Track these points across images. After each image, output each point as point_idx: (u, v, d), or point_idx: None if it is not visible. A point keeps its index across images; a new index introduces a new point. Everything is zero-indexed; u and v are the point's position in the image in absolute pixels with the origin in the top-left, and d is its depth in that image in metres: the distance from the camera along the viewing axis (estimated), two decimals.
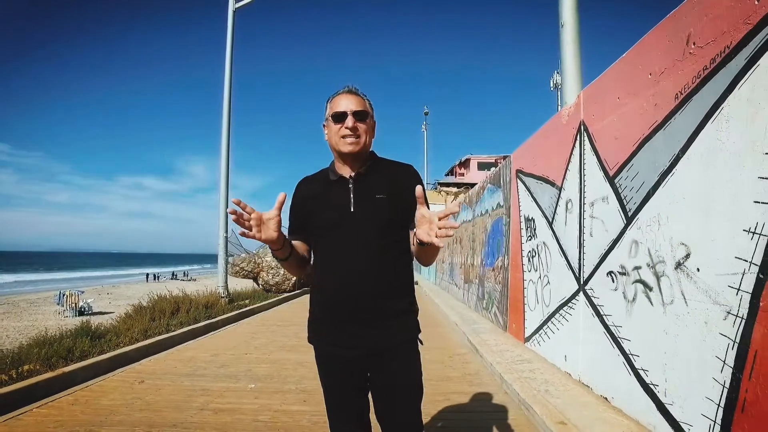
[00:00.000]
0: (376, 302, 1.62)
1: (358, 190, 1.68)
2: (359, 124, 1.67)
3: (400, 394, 1.69)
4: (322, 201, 1.71)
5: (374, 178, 1.71)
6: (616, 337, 3.41)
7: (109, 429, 3.32)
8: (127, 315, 8.27)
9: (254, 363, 5.43)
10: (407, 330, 1.70)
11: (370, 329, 1.62)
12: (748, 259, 2.14)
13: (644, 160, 3.12)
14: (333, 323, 1.66)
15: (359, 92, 1.75)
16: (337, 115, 1.67)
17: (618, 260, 3.43)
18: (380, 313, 1.63)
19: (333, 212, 1.67)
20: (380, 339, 1.63)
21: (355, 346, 1.64)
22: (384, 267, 1.63)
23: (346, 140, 1.66)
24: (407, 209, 1.63)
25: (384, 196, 1.66)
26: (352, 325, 1.63)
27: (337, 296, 1.63)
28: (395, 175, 1.74)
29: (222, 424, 3.42)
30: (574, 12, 5.81)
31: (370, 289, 1.61)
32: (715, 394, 2.32)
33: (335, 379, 1.72)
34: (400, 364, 1.67)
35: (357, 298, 1.60)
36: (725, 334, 2.27)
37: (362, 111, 1.69)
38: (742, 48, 2.24)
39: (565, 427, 3.04)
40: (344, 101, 1.69)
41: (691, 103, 2.63)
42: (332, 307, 1.66)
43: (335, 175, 1.73)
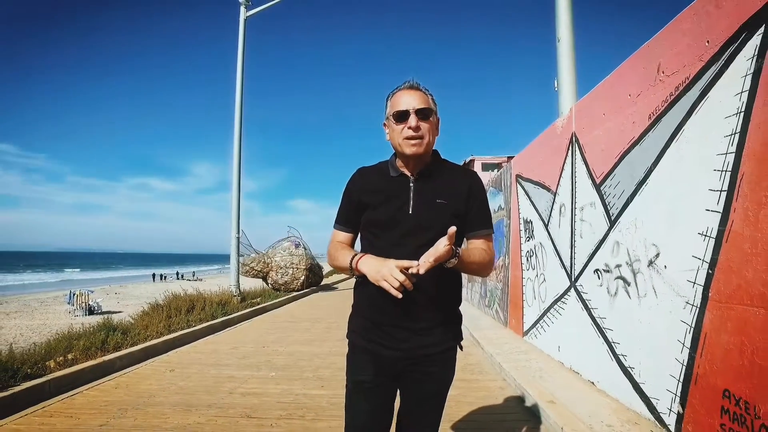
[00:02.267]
0: (425, 310, 1.58)
1: (419, 191, 1.61)
2: (422, 123, 1.58)
3: (430, 398, 1.65)
4: (380, 197, 1.62)
5: (437, 180, 1.63)
6: (600, 328, 3.84)
7: (153, 408, 3.77)
8: (144, 312, 8.72)
9: (272, 355, 5.88)
10: (451, 338, 1.66)
11: (414, 335, 1.59)
12: (701, 258, 2.56)
13: (624, 171, 3.54)
14: (378, 324, 1.62)
15: (421, 87, 1.64)
16: (399, 114, 1.58)
17: (603, 259, 3.86)
18: (428, 321, 1.59)
19: (390, 210, 1.59)
20: (423, 345, 1.60)
21: (396, 348, 1.60)
22: (436, 275, 1.50)
23: (410, 142, 1.57)
24: (466, 218, 1.61)
25: (445, 202, 1.58)
26: (398, 329, 1.59)
27: (382, 298, 1.53)
28: (459, 180, 1.66)
29: (251, 405, 3.87)
30: (570, 28, 6.24)
31: (420, 296, 1.54)
32: (676, 371, 2.74)
33: (368, 376, 1.65)
34: (438, 370, 1.64)
35: (406, 305, 1.52)
36: (684, 321, 2.69)
37: (425, 109, 1.59)
38: (698, 81, 2.66)
39: (554, 405, 3.47)
40: (406, 98, 1.59)
41: (660, 124, 3.06)
42: (380, 309, 1.60)
43: (396, 171, 1.66)
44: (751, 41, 2.24)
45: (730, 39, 2.40)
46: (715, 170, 2.49)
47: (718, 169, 2.46)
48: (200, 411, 3.71)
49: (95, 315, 11.96)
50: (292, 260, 16.38)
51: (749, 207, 2.22)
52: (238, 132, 12.25)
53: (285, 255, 16.49)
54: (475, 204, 1.65)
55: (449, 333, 1.66)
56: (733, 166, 2.34)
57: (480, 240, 1.66)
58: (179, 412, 3.66)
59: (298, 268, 16.26)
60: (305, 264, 16.47)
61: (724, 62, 2.45)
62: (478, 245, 1.65)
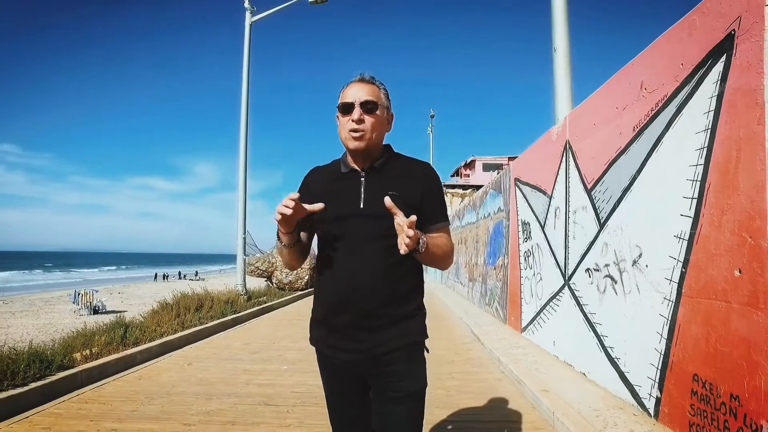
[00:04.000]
0: (379, 305, 1.50)
1: (370, 185, 1.55)
2: (367, 117, 1.52)
3: (399, 401, 1.53)
4: (330, 194, 1.56)
5: (388, 174, 1.58)
6: (591, 323, 4.14)
7: (176, 396, 4.08)
8: (154, 311, 9.03)
9: (283, 350, 6.20)
10: (410, 334, 1.56)
11: (371, 333, 1.51)
12: (677, 257, 2.87)
13: (612, 178, 3.85)
14: (333, 326, 1.56)
15: (375, 81, 1.59)
16: (344, 107, 1.54)
17: (593, 259, 4.16)
18: (383, 317, 1.51)
19: (340, 207, 1.53)
20: (380, 343, 1.51)
21: (354, 350, 1.52)
22: (391, 268, 1.49)
23: (352, 135, 1.52)
24: (422, 211, 1.53)
25: (397, 194, 1.49)
26: (353, 328, 1.52)
27: (338, 297, 1.52)
28: (411, 173, 1.61)
29: (267, 394, 4.18)
30: (566, 39, 6.53)
31: (374, 291, 1.49)
32: (655, 360, 3.05)
33: (336, 384, 1.62)
34: (399, 370, 1.53)
35: (359, 301, 1.49)
36: (662, 314, 3.00)
37: (370, 101, 1.52)
38: (674, 98, 2.97)
39: (548, 393, 3.77)
40: (353, 90, 1.54)
41: (643, 136, 3.36)
42: (333, 309, 1.55)
43: (346, 167, 1.61)
44: (716, 67, 2.55)
45: (700, 63, 2.70)
46: (687, 179, 2.79)
47: (690, 179, 2.76)
48: (221, 399, 4.02)
49: (100, 314, 12.21)
50: None
51: (714, 213, 2.52)
52: (244, 134, 12.53)
53: None
54: (431, 196, 1.59)
55: (411, 328, 1.56)
56: (702, 176, 2.64)
57: (439, 232, 1.59)
58: (201, 400, 3.98)
59: (302, 267, 16.56)
60: (309, 263, 16.75)
61: (695, 83, 2.75)
62: (439, 235, 1.57)
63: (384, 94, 1.59)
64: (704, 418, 2.52)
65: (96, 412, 3.62)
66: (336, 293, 1.52)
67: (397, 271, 1.52)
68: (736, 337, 2.31)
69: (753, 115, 2.24)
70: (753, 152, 2.24)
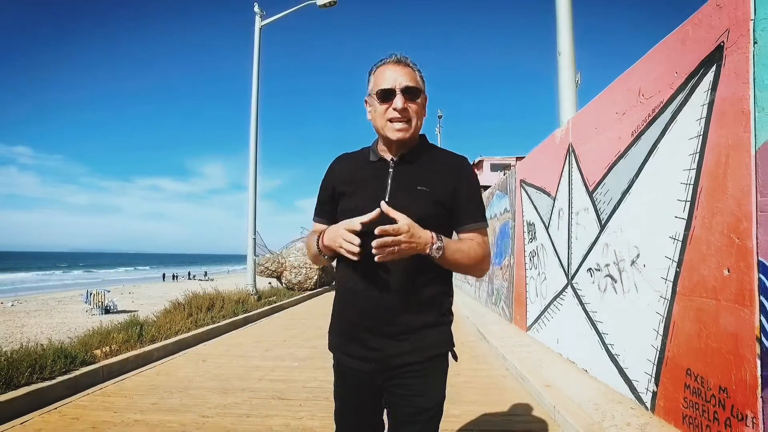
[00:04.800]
0: (399, 311, 1.40)
1: (398, 176, 1.44)
2: (410, 105, 1.41)
3: (413, 417, 1.43)
4: (355, 184, 1.47)
5: (419, 165, 1.46)
6: (592, 320, 4.27)
7: (194, 391, 4.27)
8: (167, 310, 9.26)
9: (294, 348, 6.38)
10: (435, 344, 1.45)
11: (391, 341, 1.41)
12: (672, 257, 3.00)
13: (612, 181, 3.97)
14: (351, 332, 1.46)
15: (410, 61, 1.46)
16: (384, 93, 1.40)
17: (595, 259, 4.29)
18: (406, 324, 1.40)
19: (365, 199, 1.40)
20: (401, 353, 1.41)
21: (372, 359, 1.42)
22: (416, 270, 1.38)
23: (394, 125, 1.41)
24: (454, 209, 1.44)
25: (426, 189, 1.40)
26: (372, 335, 1.41)
27: (357, 300, 1.43)
28: (444, 166, 1.48)
29: (280, 389, 4.35)
30: (570, 42, 6.66)
31: (396, 296, 1.39)
32: (651, 355, 3.18)
33: (350, 393, 1.52)
34: (420, 383, 1.42)
35: (380, 306, 1.40)
36: (659, 312, 3.13)
37: (414, 88, 1.41)
38: (669, 105, 3.10)
39: (549, 389, 3.91)
40: (391, 73, 1.41)
41: (641, 140, 3.49)
42: (351, 314, 1.46)
43: (375, 155, 1.50)
44: (707, 76, 2.68)
45: (693, 72, 2.83)
46: (681, 183, 2.92)
47: (684, 183, 2.89)
48: (236, 394, 4.20)
49: (111, 314, 12.42)
50: (305, 260, 16.88)
51: (705, 215, 2.65)
52: (254, 136, 12.73)
53: (298, 255, 17.01)
54: (464, 193, 1.45)
55: (432, 339, 1.44)
56: (695, 180, 2.77)
57: (472, 233, 1.46)
58: (218, 394, 4.16)
59: (311, 267, 16.77)
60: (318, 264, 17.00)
61: (688, 91, 2.88)
62: (470, 238, 1.45)
63: (421, 78, 1.47)
64: (696, 410, 2.65)
65: (119, 405, 3.82)
66: (354, 295, 1.44)
67: (423, 272, 1.40)
68: (725, 332, 2.44)
69: (740, 123, 2.37)
70: (740, 158, 2.37)
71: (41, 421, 3.43)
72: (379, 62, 1.46)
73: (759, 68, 2.25)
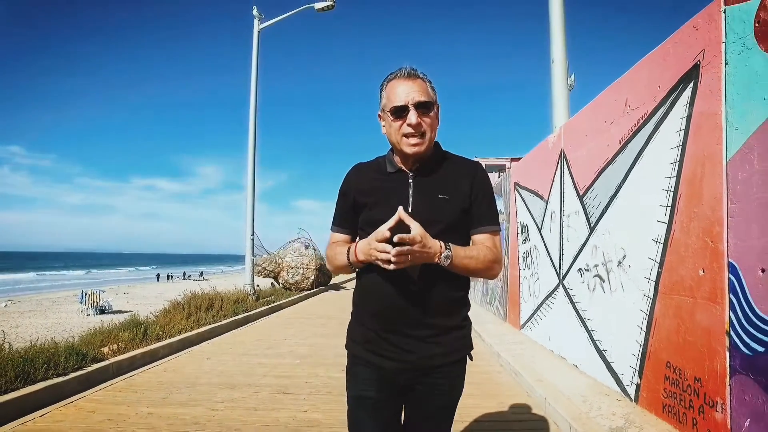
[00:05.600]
0: (430, 315, 1.46)
1: (419, 187, 1.48)
2: (424, 119, 1.44)
3: (437, 413, 1.54)
4: (376, 195, 1.50)
5: (437, 174, 1.51)
6: (582, 318, 4.49)
7: (201, 386, 4.45)
8: (166, 310, 9.39)
9: (294, 346, 6.56)
10: (462, 347, 1.53)
11: (421, 343, 1.46)
12: (654, 259, 3.22)
13: (601, 186, 4.19)
14: (380, 333, 1.49)
15: (420, 74, 1.49)
16: (397, 110, 1.44)
17: (584, 260, 4.51)
18: (434, 327, 1.46)
19: (388, 209, 1.42)
20: (432, 355, 1.47)
21: (402, 360, 1.47)
22: (441, 276, 1.43)
23: (410, 140, 1.45)
24: (471, 213, 1.50)
25: (447, 197, 1.45)
26: (402, 337, 1.46)
27: (386, 305, 1.46)
28: (462, 173, 1.52)
29: (284, 384, 4.54)
30: (563, 50, 6.89)
31: (425, 299, 1.44)
32: (636, 350, 3.40)
33: (371, 391, 1.52)
34: (447, 383, 1.51)
35: (410, 310, 1.44)
36: (642, 309, 3.35)
37: (427, 102, 1.45)
38: (653, 116, 3.32)
39: (541, 383, 4.13)
40: (403, 89, 1.45)
41: (627, 148, 3.71)
42: (381, 316, 1.49)
43: (393, 167, 1.54)
44: (686, 92, 2.90)
45: (673, 87, 3.05)
46: (663, 190, 3.15)
47: (665, 189, 3.12)
48: (241, 389, 4.38)
49: (106, 314, 12.35)
50: (302, 261, 17.07)
51: (684, 220, 2.87)
52: (253, 138, 12.87)
53: (296, 256, 17.19)
54: (478, 198, 1.51)
55: (460, 341, 1.53)
56: (675, 187, 2.99)
57: (484, 236, 1.51)
58: (224, 389, 4.34)
59: (308, 268, 16.95)
60: (315, 264, 17.16)
61: (669, 104, 3.10)
62: (482, 241, 1.50)
63: (432, 89, 1.49)
64: (674, 399, 2.87)
65: (131, 399, 4.00)
66: (383, 301, 1.47)
67: (447, 278, 1.45)
68: (700, 327, 2.66)
69: (714, 136, 2.59)
70: (714, 168, 2.59)
71: (60, 414, 3.60)
72: (390, 77, 1.49)
73: (729, 87, 2.47)
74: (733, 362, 2.37)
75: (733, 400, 2.36)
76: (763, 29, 2.24)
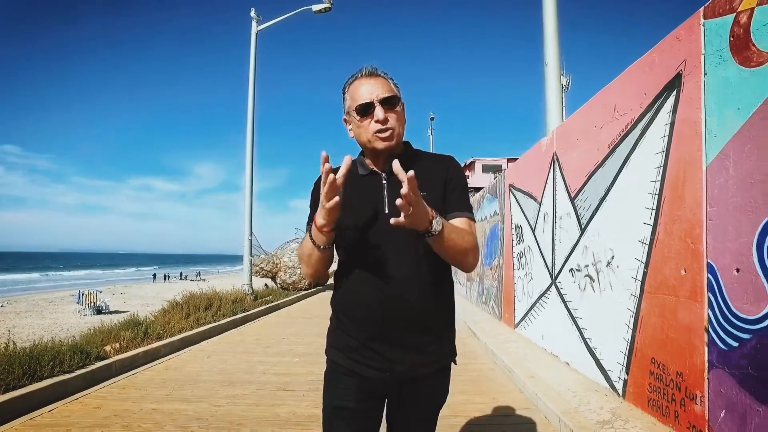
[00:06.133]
0: (415, 322, 1.42)
1: (393, 188, 1.38)
2: (390, 114, 1.43)
3: (420, 422, 1.54)
4: (350, 199, 1.41)
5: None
6: (573, 317, 4.63)
7: (203, 383, 4.57)
8: (164, 310, 9.48)
9: (292, 344, 6.68)
10: (446, 354, 1.52)
11: (406, 352, 1.43)
12: (640, 259, 3.35)
13: (591, 189, 4.33)
14: (363, 341, 1.44)
15: (380, 72, 1.48)
16: (363, 108, 1.42)
17: (576, 260, 4.65)
18: (420, 334, 1.43)
19: (363, 212, 1.43)
20: (417, 365, 1.45)
21: (386, 370, 1.43)
22: (424, 277, 1.42)
23: (380, 136, 1.42)
24: (446, 201, 1.48)
25: (424, 193, 1.35)
26: (386, 346, 1.42)
27: (367, 311, 1.43)
28: (436, 169, 1.51)
29: (284, 382, 4.66)
30: (556, 55, 7.02)
31: (407, 303, 1.40)
32: (623, 347, 3.54)
33: (351, 402, 1.48)
34: (431, 392, 1.51)
35: (394, 317, 1.40)
36: (629, 308, 3.48)
37: (391, 97, 1.44)
38: (639, 122, 3.45)
39: (533, 379, 4.26)
40: (366, 87, 1.43)
41: (616, 153, 3.84)
42: (362, 323, 1.44)
43: (365, 169, 1.51)
44: (669, 99, 3.04)
45: (658, 95, 3.19)
46: (649, 193, 3.28)
47: (650, 193, 3.25)
48: (242, 386, 4.50)
49: (103, 314, 12.43)
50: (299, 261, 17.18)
51: (667, 222, 3.01)
52: (251, 139, 12.94)
53: (293, 256, 17.26)
54: (452, 185, 1.51)
55: (444, 347, 1.51)
56: (659, 191, 3.13)
57: (460, 219, 1.47)
58: (225, 386, 4.46)
59: None
60: None
61: (654, 111, 3.24)
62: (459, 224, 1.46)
63: (395, 85, 1.49)
64: (658, 393, 3.01)
65: (135, 396, 4.11)
66: (365, 308, 1.43)
67: (430, 281, 1.44)
68: (682, 325, 2.80)
69: (694, 143, 2.73)
70: (694, 173, 2.72)
71: (66, 409, 3.71)
72: (351, 78, 1.48)
73: (708, 96, 2.61)
74: (711, 357, 2.51)
75: (710, 393, 2.50)
76: (737, 43, 2.37)
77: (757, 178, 2.22)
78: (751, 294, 2.23)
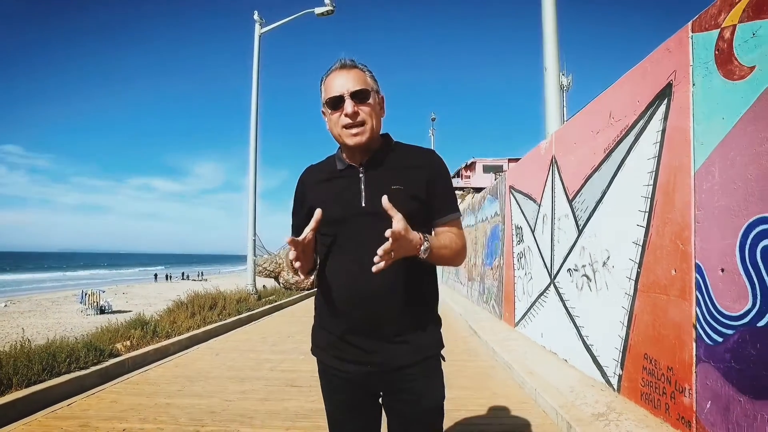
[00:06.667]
0: (392, 312, 1.40)
1: (370, 180, 1.43)
2: (361, 107, 1.40)
3: (418, 420, 1.46)
4: (327, 194, 1.45)
5: (389, 165, 1.46)
6: (571, 315, 4.78)
7: (213, 380, 4.73)
8: (169, 309, 9.63)
9: (298, 342, 6.83)
10: (426, 347, 1.47)
11: (384, 343, 1.41)
12: (634, 260, 3.50)
13: (588, 191, 4.48)
14: (339, 334, 1.44)
15: (358, 64, 1.45)
16: (333, 101, 1.41)
17: (573, 260, 4.80)
18: (397, 324, 1.41)
19: (340, 207, 1.42)
20: (397, 355, 1.41)
21: (366, 363, 1.42)
22: (402, 271, 1.36)
23: (350, 131, 1.40)
24: (429, 203, 1.45)
25: (401, 187, 1.40)
26: (363, 337, 1.41)
27: (345, 304, 1.41)
28: (414, 162, 1.48)
29: (291, 378, 4.82)
30: (556, 59, 7.18)
31: (384, 296, 1.38)
32: (618, 344, 3.69)
33: (340, 396, 1.51)
34: (422, 385, 1.44)
35: (369, 307, 1.38)
36: (624, 306, 3.63)
37: (362, 90, 1.40)
38: (633, 128, 3.60)
39: (532, 375, 4.42)
40: (339, 80, 1.41)
41: (611, 157, 3.99)
42: (340, 316, 1.43)
43: (342, 163, 1.49)
44: (661, 107, 3.19)
45: (651, 102, 3.34)
46: (642, 196, 3.43)
47: (644, 196, 3.40)
48: (251, 382, 4.66)
49: (106, 314, 12.55)
50: None
51: (659, 224, 3.16)
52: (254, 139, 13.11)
53: None
54: (437, 185, 1.47)
55: (426, 339, 1.47)
56: (652, 194, 3.28)
57: (448, 225, 1.49)
58: (235, 382, 4.62)
59: None
60: None
61: (647, 118, 3.39)
62: (448, 230, 1.48)
63: (371, 77, 1.46)
64: (650, 387, 3.16)
65: (148, 391, 4.27)
66: (343, 301, 1.42)
67: (409, 275, 1.40)
68: (672, 322, 2.95)
69: (683, 149, 2.88)
70: (683, 178, 2.88)
71: (84, 404, 3.88)
72: (328, 70, 1.46)
73: (696, 106, 2.76)
74: (699, 352, 2.66)
75: (698, 385, 2.65)
76: (721, 57, 2.52)
77: (739, 184, 2.37)
78: (734, 292, 2.38)
